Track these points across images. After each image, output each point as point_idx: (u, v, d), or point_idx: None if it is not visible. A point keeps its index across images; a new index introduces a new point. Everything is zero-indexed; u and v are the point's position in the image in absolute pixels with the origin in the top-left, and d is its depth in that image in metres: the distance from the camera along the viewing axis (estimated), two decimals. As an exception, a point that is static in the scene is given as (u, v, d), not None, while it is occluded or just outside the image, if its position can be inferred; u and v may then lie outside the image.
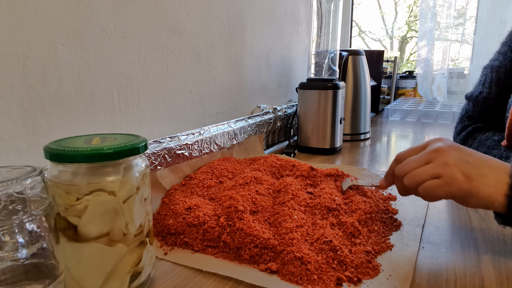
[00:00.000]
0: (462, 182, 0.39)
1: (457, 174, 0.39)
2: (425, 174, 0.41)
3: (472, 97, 0.73)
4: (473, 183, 0.39)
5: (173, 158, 0.62)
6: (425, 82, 1.74)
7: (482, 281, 0.39)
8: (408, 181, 0.42)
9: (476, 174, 0.39)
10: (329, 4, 0.93)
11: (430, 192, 0.40)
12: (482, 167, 0.40)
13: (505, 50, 0.67)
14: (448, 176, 0.39)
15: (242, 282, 0.39)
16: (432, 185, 0.40)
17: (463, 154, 0.41)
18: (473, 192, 0.39)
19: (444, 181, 0.39)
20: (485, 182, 0.39)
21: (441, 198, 0.40)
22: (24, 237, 0.28)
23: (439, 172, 0.40)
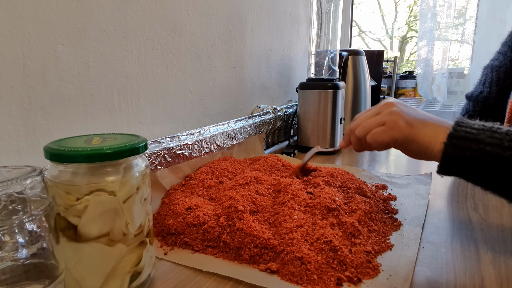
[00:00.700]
0: (404, 127, 0.42)
1: (400, 120, 0.43)
2: (373, 122, 0.45)
3: (473, 96, 0.73)
4: (414, 129, 0.42)
5: (173, 158, 0.62)
6: (425, 82, 1.74)
7: (482, 281, 0.39)
8: (359, 131, 0.47)
9: (417, 122, 0.43)
10: (329, 4, 0.93)
11: (375, 137, 0.44)
12: (425, 119, 0.44)
13: (505, 50, 0.67)
14: (391, 122, 0.43)
15: (242, 282, 0.39)
16: (377, 130, 0.44)
17: (409, 108, 0.45)
18: (413, 137, 0.42)
19: (388, 127, 0.44)
20: (425, 131, 0.42)
21: (385, 143, 0.44)
22: (24, 237, 0.28)
23: (384, 119, 0.44)
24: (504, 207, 0.58)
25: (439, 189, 0.67)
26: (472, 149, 0.37)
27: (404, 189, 0.65)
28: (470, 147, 0.37)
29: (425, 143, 0.41)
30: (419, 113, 0.45)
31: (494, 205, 0.59)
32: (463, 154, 0.38)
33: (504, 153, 0.36)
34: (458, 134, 0.39)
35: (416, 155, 0.43)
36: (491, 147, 0.36)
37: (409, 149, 0.43)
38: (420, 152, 0.42)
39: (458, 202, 0.60)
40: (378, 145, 0.45)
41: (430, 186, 0.65)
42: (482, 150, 0.37)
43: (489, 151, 0.36)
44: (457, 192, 0.65)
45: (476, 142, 0.37)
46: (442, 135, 0.40)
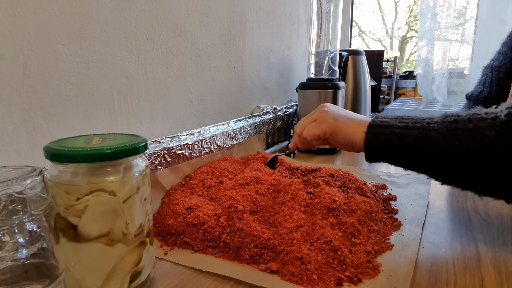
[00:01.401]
0: (331, 121, 0.51)
1: (328, 116, 0.52)
2: (308, 120, 0.56)
3: (473, 96, 0.73)
4: (339, 122, 0.51)
5: (173, 158, 0.62)
6: (425, 82, 1.74)
7: (482, 281, 0.39)
8: (298, 129, 0.57)
9: (342, 118, 0.51)
10: (329, 4, 0.93)
11: (309, 131, 0.54)
12: (350, 116, 0.52)
13: (505, 50, 0.67)
14: (320, 118, 0.53)
15: (242, 282, 0.39)
16: (310, 125, 0.54)
17: (337, 108, 0.55)
18: (339, 129, 0.50)
19: (318, 122, 0.53)
20: (349, 124, 0.50)
21: (317, 135, 0.53)
22: (24, 237, 0.28)
23: (316, 117, 0.54)
24: (504, 207, 0.58)
25: (439, 189, 0.67)
26: (386, 133, 0.44)
27: (404, 189, 0.65)
28: (384, 132, 0.44)
29: (349, 133, 0.49)
30: (347, 112, 0.53)
31: (494, 205, 0.59)
32: (379, 139, 0.44)
33: (409, 132, 0.42)
34: (375, 123, 0.45)
35: (344, 146, 0.50)
36: (399, 130, 0.43)
37: (337, 140, 0.51)
38: (346, 142, 0.49)
39: (458, 202, 0.60)
40: (312, 138, 0.53)
41: (430, 186, 0.65)
42: (393, 132, 0.43)
43: (398, 133, 0.43)
44: (457, 192, 0.65)
45: (388, 127, 0.44)
46: (364, 127, 0.47)
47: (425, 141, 0.40)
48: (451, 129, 0.39)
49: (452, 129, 0.39)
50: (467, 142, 0.38)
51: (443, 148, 0.39)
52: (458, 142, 0.38)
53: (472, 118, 0.38)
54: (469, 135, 0.38)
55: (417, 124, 0.42)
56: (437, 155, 0.40)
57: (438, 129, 0.40)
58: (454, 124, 0.39)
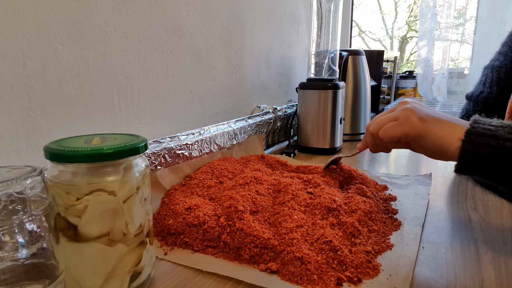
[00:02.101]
0: (416, 122, 0.42)
1: (412, 116, 0.43)
2: (386, 119, 0.46)
3: (473, 97, 0.73)
4: (427, 124, 0.42)
5: (173, 158, 0.62)
6: (425, 82, 1.74)
7: (482, 281, 0.39)
8: (372, 128, 0.47)
9: (431, 119, 0.42)
10: (329, 4, 0.93)
11: (387, 132, 0.44)
12: (439, 116, 0.43)
13: (505, 50, 0.67)
14: (403, 117, 0.44)
15: (242, 282, 0.39)
16: (389, 125, 0.45)
17: (424, 106, 0.45)
18: (426, 132, 0.41)
19: (400, 121, 0.44)
20: (439, 127, 0.41)
21: (396, 137, 0.44)
22: (24, 237, 0.28)
23: (397, 115, 0.45)
24: (504, 207, 0.58)
25: (439, 189, 0.67)
26: (491, 145, 0.36)
27: (404, 190, 0.65)
28: (489, 143, 0.36)
29: (439, 138, 0.40)
30: (434, 111, 0.44)
31: (494, 205, 0.59)
32: (481, 151, 0.36)
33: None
34: (476, 131, 0.38)
35: (431, 152, 0.42)
36: (510, 143, 0.35)
37: (423, 145, 0.42)
38: (435, 149, 0.41)
39: (458, 202, 0.60)
40: (390, 140, 0.44)
41: (430, 187, 0.65)
42: (502, 146, 0.36)
43: (509, 147, 0.35)
44: (457, 192, 0.65)
45: (494, 138, 0.36)
46: (458, 132, 0.39)
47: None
48: None
49: None
50: None
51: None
52: None
53: None
54: None
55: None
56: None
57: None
58: None
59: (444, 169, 0.79)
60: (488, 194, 0.64)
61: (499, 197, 0.62)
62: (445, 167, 0.80)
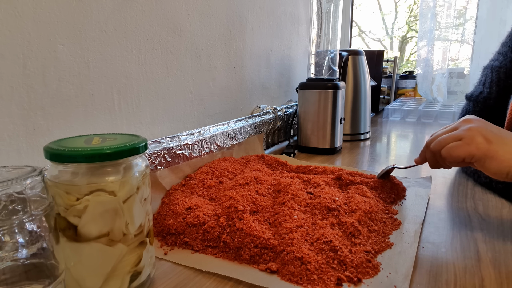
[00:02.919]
0: (482, 143, 0.41)
1: (478, 136, 0.42)
2: (449, 137, 0.45)
3: (473, 97, 0.73)
4: (492, 145, 0.41)
5: (173, 158, 0.62)
6: (425, 82, 1.74)
7: (482, 281, 0.39)
8: (434, 145, 0.46)
9: (496, 139, 0.41)
10: (329, 4, 0.93)
11: (451, 152, 0.43)
12: (505, 136, 0.42)
13: (505, 50, 0.67)
14: (468, 138, 0.43)
15: (242, 282, 0.39)
16: (453, 145, 0.44)
17: (487, 124, 0.44)
18: (492, 154, 0.41)
19: (464, 142, 0.43)
20: (505, 149, 0.40)
21: (461, 157, 0.43)
22: (24, 237, 0.28)
23: (461, 134, 0.43)
24: (504, 207, 0.58)
25: (439, 189, 0.67)
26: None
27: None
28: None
29: (505, 161, 0.40)
30: (498, 128, 0.44)
31: (494, 205, 0.59)
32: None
33: None
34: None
35: (496, 174, 0.42)
36: None
37: (488, 167, 0.41)
38: (500, 171, 0.41)
39: (458, 202, 0.60)
40: (453, 160, 0.44)
41: (430, 189, 0.65)
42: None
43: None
44: (457, 192, 0.65)
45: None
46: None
47: None
48: None
49: None
50: None
51: None
52: None
53: None
54: None
55: None
56: None
57: None
58: None
59: (444, 170, 0.79)
60: (488, 194, 0.64)
61: (499, 197, 0.62)
62: (445, 167, 0.80)
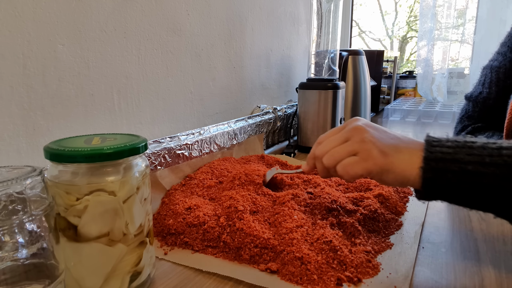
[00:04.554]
0: (378, 157, 0.39)
1: (373, 150, 0.39)
2: (343, 151, 0.41)
3: (472, 97, 0.73)
4: (389, 158, 0.39)
5: (173, 158, 0.62)
6: (425, 82, 1.74)
7: (482, 281, 0.39)
8: (327, 160, 0.42)
9: (391, 149, 0.39)
10: (329, 4, 0.93)
11: (348, 169, 0.40)
12: (397, 143, 0.40)
13: (504, 50, 0.67)
14: (364, 152, 0.39)
15: (242, 282, 0.39)
16: (350, 161, 0.40)
17: (379, 131, 0.41)
18: (389, 167, 0.38)
19: (361, 157, 0.39)
20: (400, 158, 0.38)
21: (358, 175, 0.40)
22: (24, 237, 0.28)
23: (356, 149, 0.40)
24: (504, 207, 0.58)
25: (439, 189, 0.67)
26: (453, 170, 0.35)
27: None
28: (451, 168, 0.35)
29: (400, 171, 0.38)
30: (390, 135, 0.42)
31: (494, 205, 0.59)
32: (444, 177, 0.35)
33: (487, 170, 0.34)
34: (435, 156, 0.36)
35: (393, 184, 0.40)
36: (472, 166, 0.34)
37: (385, 179, 0.39)
38: (397, 181, 0.39)
39: (458, 202, 0.60)
40: (351, 178, 0.40)
41: None
42: (464, 170, 0.34)
43: (471, 170, 0.34)
44: (457, 192, 0.65)
45: (455, 162, 0.35)
46: (418, 159, 0.37)
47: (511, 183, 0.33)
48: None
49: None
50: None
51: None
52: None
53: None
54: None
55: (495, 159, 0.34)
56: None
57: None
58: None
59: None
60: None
61: None
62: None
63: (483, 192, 0.34)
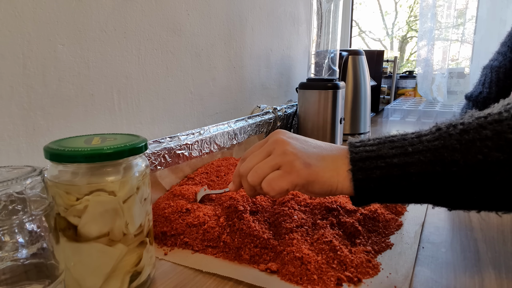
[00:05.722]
0: (301, 169, 0.37)
1: (296, 161, 0.38)
2: (266, 166, 0.39)
3: (472, 97, 0.73)
4: (312, 168, 0.37)
5: (173, 158, 0.62)
6: (425, 82, 1.74)
7: (482, 281, 0.39)
8: (251, 177, 0.40)
9: (314, 159, 0.38)
10: (329, 4, 0.93)
11: (273, 185, 0.38)
12: (320, 152, 0.39)
13: (504, 50, 0.67)
14: (287, 165, 0.38)
15: (242, 282, 0.39)
16: (273, 177, 0.38)
17: (301, 142, 0.40)
18: (313, 177, 0.37)
19: (284, 171, 0.38)
20: (324, 166, 0.37)
21: (284, 189, 0.38)
22: (24, 237, 0.28)
23: (279, 162, 0.38)
24: (504, 207, 0.58)
25: (439, 189, 0.67)
26: (381, 166, 0.34)
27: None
28: (378, 165, 0.34)
29: (326, 180, 0.37)
30: (312, 144, 0.40)
31: (494, 205, 0.59)
32: (374, 176, 0.34)
33: (412, 159, 0.33)
34: (361, 156, 0.35)
35: (320, 194, 0.38)
36: (397, 158, 0.34)
37: (312, 190, 0.38)
38: (324, 190, 0.37)
39: (458, 202, 0.60)
40: (276, 193, 0.38)
41: None
42: (390, 164, 0.34)
43: (397, 162, 0.34)
44: (457, 192, 0.65)
45: (381, 158, 0.34)
46: (342, 165, 0.36)
47: (438, 165, 0.32)
48: (465, 142, 0.32)
49: (466, 141, 0.32)
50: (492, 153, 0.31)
51: (464, 167, 0.32)
52: (481, 155, 0.31)
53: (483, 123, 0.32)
54: (492, 144, 0.31)
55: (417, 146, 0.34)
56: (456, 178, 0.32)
57: (449, 146, 0.32)
58: (465, 135, 0.32)
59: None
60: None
61: None
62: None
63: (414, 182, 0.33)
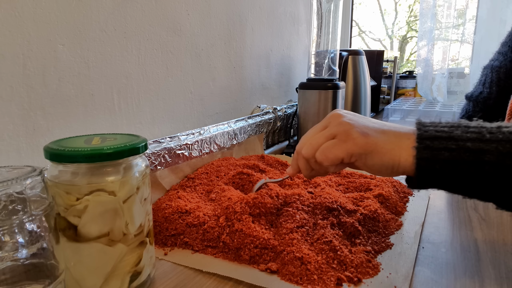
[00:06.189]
0: (358, 137, 0.35)
1: (352, 130, 0.36)
2: (322, 137, 0.38)
3: (472, 97, 0.73)
4: (370, 137, 0.35)
5: (173, 158, 0.62)
6: (425, 82, 1.74)
7: (482, 281, 0.39)
8: (306, 150, 0.38)
9: (372, 131, 0.36)
10: (329, 4, 0.93)
11: (327, 153, 0.36)
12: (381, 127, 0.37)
13: (505, 50, 0.67)
14: (342, 134, 0.36)
15: (242, 282, 0.39)
16: (327, 145, 0.37)
17: (359, 117, 0.39)
18: (372, 147, 0.35)
19: (340, 139, 0.36)
20: (385, 139, 0.35)
21: (338, 158, 0.36)
22: (24, 237, 0.28)
23: (334, 132, 0.37)
24: (504, 207, 0.58)
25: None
26: (451, 148, 0.31)
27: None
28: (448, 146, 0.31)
29: (387, 152, 0.34)
30: (372, 121, 0.38)
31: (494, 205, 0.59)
32: (441, 157, 0.31)
33: (488, 146, 0.30)
34: (430, 134, 0.32)
35: (381, 170, 0.36)
36: (471, 143, 0.31)
37: (370, 163, 0.35)
38: (384, 165, 0.35)
39: (458, 202, 0.60)
40: (331, 162, 0.36)
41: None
42: (463, 148, 0.31)
43: (471, 147, 0.31)
44: (457, 192, 0.65)
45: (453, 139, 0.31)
46: (407, 140, 0.34)
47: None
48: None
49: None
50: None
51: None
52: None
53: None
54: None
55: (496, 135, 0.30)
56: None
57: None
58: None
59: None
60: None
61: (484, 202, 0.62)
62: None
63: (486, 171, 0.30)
